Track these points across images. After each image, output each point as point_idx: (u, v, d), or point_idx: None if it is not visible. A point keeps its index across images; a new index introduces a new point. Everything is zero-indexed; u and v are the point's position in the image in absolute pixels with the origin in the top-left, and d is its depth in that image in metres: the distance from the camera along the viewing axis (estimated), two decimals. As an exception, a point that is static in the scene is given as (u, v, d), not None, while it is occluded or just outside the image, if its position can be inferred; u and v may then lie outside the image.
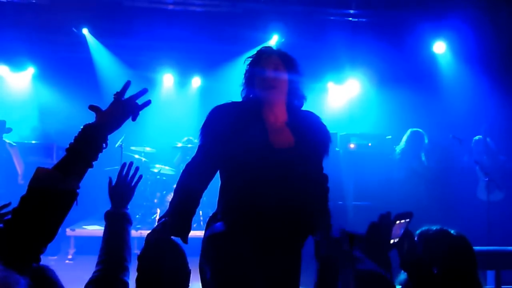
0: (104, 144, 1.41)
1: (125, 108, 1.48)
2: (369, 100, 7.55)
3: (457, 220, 5.06)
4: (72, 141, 1.39)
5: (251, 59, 2.11)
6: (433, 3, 5.99)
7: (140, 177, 1.97)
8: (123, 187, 1.92)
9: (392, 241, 1.42)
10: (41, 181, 1.26)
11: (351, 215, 5.12)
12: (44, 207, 1.23)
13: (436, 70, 7.00)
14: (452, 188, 5.23)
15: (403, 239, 1.47)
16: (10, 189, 5.34)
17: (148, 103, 1.54)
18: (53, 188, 1.24)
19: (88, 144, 1.37)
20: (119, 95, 1.51)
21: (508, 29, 5.96)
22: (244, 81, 2.11)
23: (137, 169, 1.94)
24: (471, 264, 1.60)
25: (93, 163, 1.38)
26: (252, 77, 2.07)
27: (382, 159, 5.55)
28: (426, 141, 5.01)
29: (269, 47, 2.14)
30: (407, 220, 1.47)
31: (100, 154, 1.41)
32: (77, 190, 1.32)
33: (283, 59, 2.07)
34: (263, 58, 2.07)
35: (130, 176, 1.94)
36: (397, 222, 1.42)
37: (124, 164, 1.95)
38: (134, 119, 1.51)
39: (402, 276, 1.64)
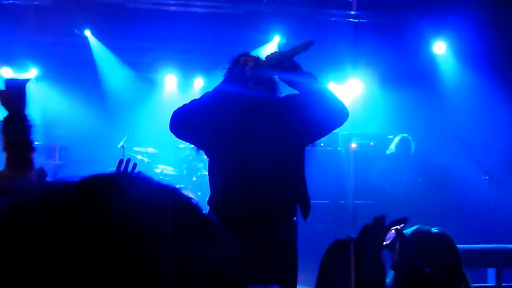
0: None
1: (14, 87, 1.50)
2: (371, 100, 7.55)
3: (458, 218, 5.07)
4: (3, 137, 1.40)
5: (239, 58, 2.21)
6: (434, 3, 5.99)
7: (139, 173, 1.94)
8: None
9: (384, 242, 1.42)
10: None
11: (352, 214, 5.13)
12: None
13: (437, 69, 7.00)
14: (452, 186, 5.24)
15: (395, 240, 1.46)
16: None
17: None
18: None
19: (17, 132, 1.40)
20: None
21: (509, 27, 5.96)
22: (232, 75, 2.18)
23: (135, 165, 1.92)
24: (454, 261, 1.57)
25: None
26: (242, 73, 2.12)
27: (384, 158, 5.56)
28: (413, 151, 5.10)
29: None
30: (402, 225, 1.47)
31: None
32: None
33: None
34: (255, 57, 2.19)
35: (129, 171, 1.91)
36: (392, 228, 1.43)
37: (121, 160, 1.92)
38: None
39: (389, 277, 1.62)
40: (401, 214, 1.51)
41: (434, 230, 1.66)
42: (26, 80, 1.55)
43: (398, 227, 1.45)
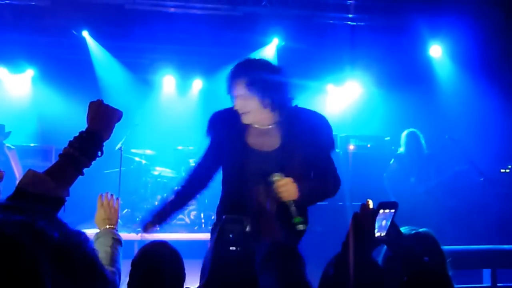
0: (99, 152, 1.35)
1: (114, 112, 1.41)
2: (368, 102, 7.59)
3: (453, 219, 5.09)
4: (67, 146, 1.33)
5: (230, 71, 2.13)
6: (430, 7, 6.03)
7: (118, 199, 2.00)
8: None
9: (379, 234, 1.40)
10: (30, 184, 1.20)
11: (350, 215, 5.12)
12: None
13: (433, 72, 7.05)
14: (450, 187, 5.26)
15: (389, 231, 1.44)
16: (7, 193, 5.29)
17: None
18: (41, 194, 1.19)
19: (83, 151, 1.31)
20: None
21: (504, 31, 6.01)
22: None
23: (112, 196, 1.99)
24: (437, 261, 1.57)
25: (85, 170, 1.32)
26: (230, 91, 2.11)
27: (381, 160, 5.58)
28: (424, 147, 5.03)
29: (241, 66, 2.11)
30: (392, 210, 1.43)
31: (100, 157, 1.37)
32: (66, 198, 1.26)
33: (253, 76, 2.04)
34: (232, 82, 2.08)
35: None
36: (381, 211, 1.40)
37: (101, 194, 2.00)
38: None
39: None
40: (398, 215, 1.51)
41: (421, 230, 1.67)
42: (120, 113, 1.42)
43: (387, 210, 1.43)
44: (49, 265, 0.58)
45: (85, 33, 7.03)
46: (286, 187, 1.88)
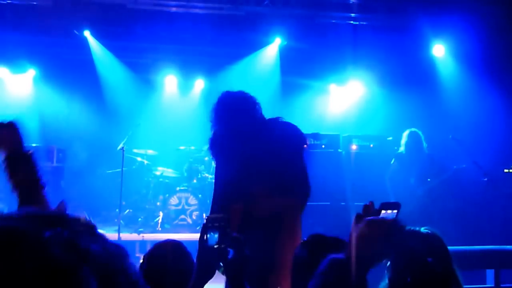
0: (34, 160, 1.41)
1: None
2: (371, 102, 7.57)
3: (457, 219, 5.07)
4: (10, 180, 1.41)
5: None
6: (433, 6, 6.01)
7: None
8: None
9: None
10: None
11: (353, 215, 5.10)
12: None
13: (436, 72, 7.02)
14: (451, 187, 5.23)
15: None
16: (10, 192, 5.29)
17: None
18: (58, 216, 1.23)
19: (26, 171, 1.39)
20: None
21: (507, 30, 5.99)
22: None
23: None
24: (444, 260, 1.56)
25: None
26: None
27: (384, 160, 5.56)
28: (425, 147, 5.00)
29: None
30: (394, 211, 1.41)
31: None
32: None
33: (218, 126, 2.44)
34: None
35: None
36: (383, 211, 1.38)
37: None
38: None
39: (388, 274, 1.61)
40: (400, 216, 1.49)
41: (423, 230, 1.66)
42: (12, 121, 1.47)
43: (389, 211, 1.41)
44: (97, 286, 0.54)
45: (87, 33, 7.02)
46: None
